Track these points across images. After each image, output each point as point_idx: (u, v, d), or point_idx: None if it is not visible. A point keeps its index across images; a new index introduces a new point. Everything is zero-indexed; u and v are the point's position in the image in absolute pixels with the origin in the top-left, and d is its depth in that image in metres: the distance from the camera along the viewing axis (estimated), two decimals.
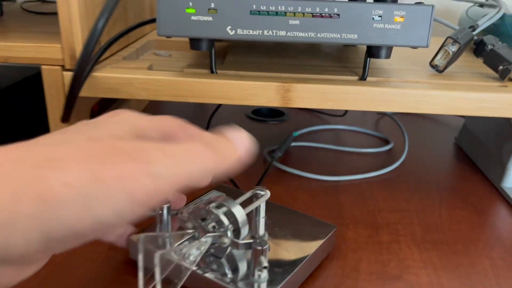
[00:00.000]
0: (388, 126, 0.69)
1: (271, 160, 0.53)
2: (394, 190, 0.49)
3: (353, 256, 0.38)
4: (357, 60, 0.52)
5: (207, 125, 0.55)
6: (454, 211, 0.46)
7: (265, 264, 0.30)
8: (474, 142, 0.58)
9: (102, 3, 0.46)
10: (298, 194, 0.48)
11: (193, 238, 0.33)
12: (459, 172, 0.55)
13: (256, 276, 0.31)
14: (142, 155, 0.22)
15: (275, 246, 0.35)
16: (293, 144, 0.60)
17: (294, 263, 0.33)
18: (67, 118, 0.38)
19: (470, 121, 0.61)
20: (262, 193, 0.35)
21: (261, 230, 0.36)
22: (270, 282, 0.31)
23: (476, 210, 0.46)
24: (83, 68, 0.36)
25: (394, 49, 0.59)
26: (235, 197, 0.34)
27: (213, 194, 0.42)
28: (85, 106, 0.48)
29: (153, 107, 0.75)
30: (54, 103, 0.43)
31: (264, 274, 0.31)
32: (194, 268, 0.31)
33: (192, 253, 0.30)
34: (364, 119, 0.72)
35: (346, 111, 0.73)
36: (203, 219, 0.33)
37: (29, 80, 0.60)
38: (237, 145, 0.27)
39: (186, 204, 0.39)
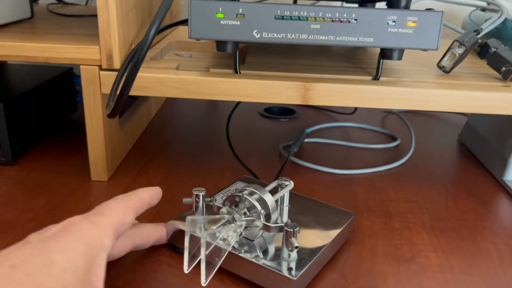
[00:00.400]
0: (394, 124, 0.73)
1: (288, 155, 0.56)
2: (403, 182, 0.53)
3: (370, 241, 0.41)
4: (368, 61, 0.55)
5: (228, 121, 0.58)
6: (459, 202, 0.49)
7: (296, 244, 0.34)
8: (477, 138, 0.62)
9: (136, 7, 0.50)
10: (314, 186, 0.51)
11: (228, 223, 0.36)
12: (463, 167, 0.58)
13: (286, 255, 0.35)
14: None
15: (301, 231, 0.39)
16: (306, 140, 0.63)
17: (319, 246, 0.37)
18: (114, 114, 0.41)
19: (473, 118, 0.64)
20: (287, 183, 0.39)
21: (285, 217, 0.39)
22: (299, 261, 0.35)
23: (479, 201, 0.50)
24: (135, 71, 0.39)
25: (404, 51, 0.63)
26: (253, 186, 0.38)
27: (239, 184, 0.45)
28: None
29: (168, 105, 0.78)
30: (91, 99, 0.46)
31: (294, 254, 0.35)
32: (230, 249, 0.35)
33: (230, 235, 0.34)
34: (370, 117, 0.76)
35: (355, 109, 0.76)
36: (236, 205, 0.37)
37: (57, 79, 0.64)
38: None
39: (216, 193, 0.43)
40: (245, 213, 0.36)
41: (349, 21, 0.42)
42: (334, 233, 0.39)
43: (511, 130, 0.53)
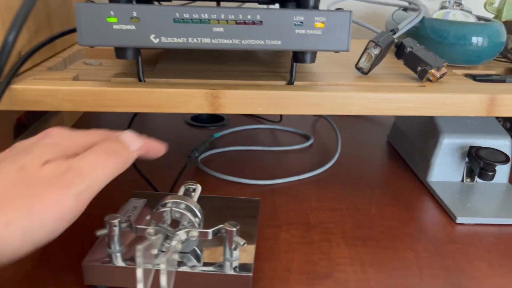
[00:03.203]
0: (325, 127, 0.71)
1: (187, 161, 0.54)
2: (327, 189, 0.51)
3: (286, 257, 0.39)
4: (287, 65, 0.53)
5: None
6: (384, 208, 0.48)
7: (243, 241, 0.33)
8: (403, 139, 0.61)
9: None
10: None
11: (164, 240, 0.33)
12: (390, 169, 0.57)
13: (229, 255, 0.33)
14: (62, 180, 0.27)
15: None
16: (225, 149, 0.60)
17: (251, 238, 0.36)
18: None
19: (399, 119, 0.64)
20: (194, 186, 0.37)
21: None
22: (242, 258, 0.34)
23: (404, 206, 0.48)
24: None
25: (324, 53, 0.61)
26: (155, 199, 0.37)
27: (134, 201, 0.42)
28: (6, 119, 0.46)
29: (89, 117, 0.73)
30: None
31: (236, 252, 0.33)
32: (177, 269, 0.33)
33: (174, 256, 0.31)
34: (300, 121, 0.74)
35: (281, 116, 0.74)
36: (163, 222, 0.34)
37: None
38: (129, 145, 0.32)
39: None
40: (169, 227, 0.34)
41: (254, 23, 0.40)
42: (255, 222, 0.39)
43: (433, 130, 0.53)
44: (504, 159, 0.47)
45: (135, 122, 0.70)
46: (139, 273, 0.28)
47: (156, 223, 0.33)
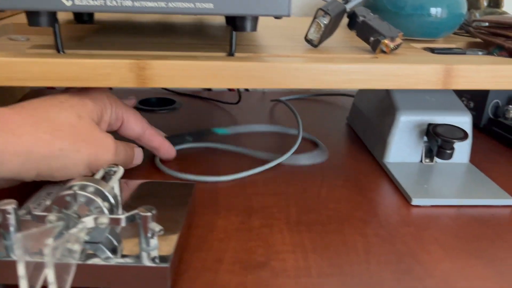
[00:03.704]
0: (284, 113, 0.67)
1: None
2: (276, 172, 0.47)
3: (219, 246, 0.35)
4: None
5: None
6: (335, 190, 0.44)
7: (159, 227, 0.28)
8: (362, 120, 0.57)
9: None
10: None
11: (65, 230, 0.28)
12: (347, 151, 0.53)
13: (145, 245, 0.29)
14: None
15: None
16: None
17: (176, 226, 0.32)
18: None
19: (358, 99, 0.60)
20: (115, 169, 0.33)
21: (120, 207, 0.33)
22: (162, 248, 0.30)
23: (357, 188, 0.44)
24: None
25: (275, 26, 0.57)
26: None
27: (48, 188, 0.37)
28: None
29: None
30: None
31: (154, 241, 0.29)
32: (78, 262, 0.28)
33: (74, 247, 0.26)
34: (260, 105, 0.70)
35: (240, 98, 0.69)
36: (67, 208, 0.29)
37: None
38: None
39: (21, 205, 0.34)
40: (77, 214, 0.29)
41: None
42: (185, 208, 0.35)
43: (390, 108, 0.49)
44: (463, 135, 0.44)
45: None
46: (21, 267, 0.23)
47: (59, 209, 0.29)
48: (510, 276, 0.33)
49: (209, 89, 0.80)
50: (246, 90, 0.81)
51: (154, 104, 0.67)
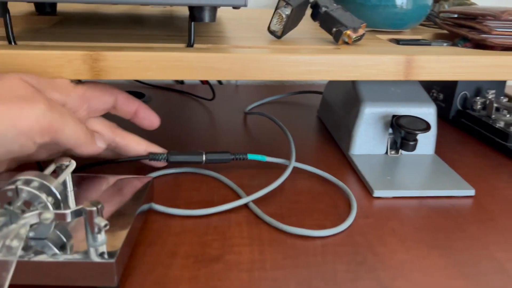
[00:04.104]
0: (256, 116, 0.66)
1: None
2: (241, 166, 0.46)
3: (174, 240, 0.34)
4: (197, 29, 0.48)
5: None
6: (297, 182, 0.43)
7: (104, 222, 0.28)
8: (330, 112, 0.57)
9: None
10: None
11: (5, 226, 0.27)
12: (314, 144, 0.53)
13: (92, 241, 0.28)
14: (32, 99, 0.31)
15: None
16: None
17: (125, 220, 0.32)
18: None
19: (326, 91, 0.60)
20: (67, 163, 0.32)
21: (72, 203, 0.33)
22: (110, 243, 0.29)
23: (321, 180, 0.44)
24: None
25: (245, 19, 0.56)
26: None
27: None
28: None
29: None
30: None
31: (102, 236, 0.28)
32: (18, 259, 0.27)
33: (13, 240, 0.25)
34: (235, 98, 0.69)
35: (214, 95, 0.69)
36: (10, 203, 0.28)
37: None
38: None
39: None
40: (22, 210, 0.28)
41: None
42: (139, 202, 0.34)
43: (355, 100, 0.49)
44: (425, 126, 0.44)
45: None
46: None
47: (1, 204, 0.28)
48: (465, 265, 0.33)
49: (182, 82, 0.79)
50: (219, 82, 0.80)
51: None
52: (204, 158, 0.42)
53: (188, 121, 0.59)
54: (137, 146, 0.41)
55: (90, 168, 0.42)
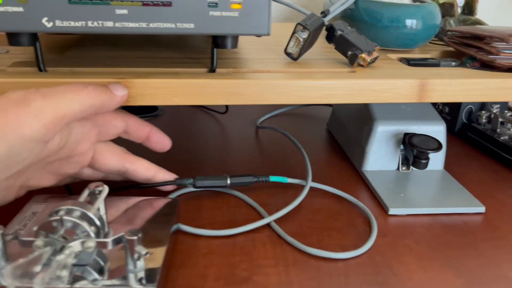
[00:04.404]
0: (270, 122, 0.68)
1: None
2: (260, 185, 0.48)
3: (203, 261, 0.36)
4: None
5: None
6: (314, 200, 0.45)
7: (145, 251, 0.29)
8: (341, 127, 0.59)
9: None
10: None
11: (52, 255, 0.29)
12: (327, 159, 0.55)
13: (132, 267, 0.30)
14: (24, 100, 0.30)
15: None
16: None
17: (161, 245, 0.33)
18: None
19: (337, 106, 0.61)
20: (100, 188, 0.33)
21: (106, 226, 0.34)
22: (148, 269, 0.31)
23: (336, 197, 0.46)
24: None
25: (253, 38, 0.58)
26: (57, 203, 0.35)
27: (34, 207, 0.37)
28: None
29: None
30: None
31: (141, 262, 0.30)
32: (66, 286, 0.29)
33: (62, 273, 0.27)
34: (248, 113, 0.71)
35: (227, 109, 0.70)
36: (54, 232, 0.30)
37: None
38: (112, 88, 0.36)
39: (6, 225, 0.35)
40: (64, 237, 0.30)
41: (162, 4, 0.36)
42: (169, 225, 0.36)
43: (367, 118, 0.50)
44: (437, 146, 0.46)
45: None
46: None
47: (46, 234, 0.29)
48: (480, 285, 0.34)
49: None
50: None
51: (137, 110, 0.67)
52: (228, 182, 0.43)
53: (201, 135, 0.60)
54: (146, 171, 0.41)
55: (113, 192, 0.43)
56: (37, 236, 0.29)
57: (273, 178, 0.45)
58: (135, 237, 0.29)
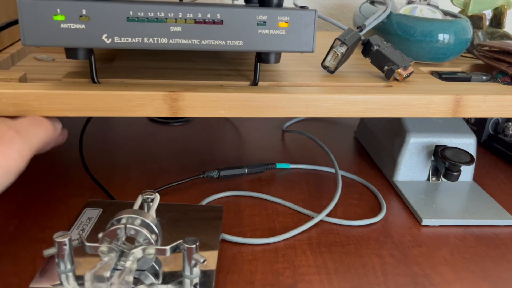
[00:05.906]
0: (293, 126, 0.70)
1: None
2: (293, 190, 0.50)
3: (249, 267, 0.37)
4: (251, 62, 0.51)
5: (80, 139, 0.52)
6: (349, 209, 0.47)
7: (203, 258, 0.31)
8: (370, 136, 0.60)
9: None
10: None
11: (118, 260, 0.31)
12: (357, 167, 0.56)
13: (188, 273, 0.32)
14: (4, 139, 0.33)
15: None
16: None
17: (212, 251, 0.36)
18: None
19: None
20: (152, 196, 0.36)
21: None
22: (202, 275, 0.33)
23: (370, 207, 0.48)
24: None
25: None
26: (111, 209, 0.39)
27: (89, 212, 0.40)
28: None
29: None
30: None
31: (197, 269, 0.32)
32: None
33: (129, 278, 0.29)
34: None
35: None
36: (117, 239, 0.32)
37: None
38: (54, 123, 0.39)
39: (68, 230, 0.37)
40: (124, 243, 0.32)
41: (214, 22, 0.37)
42: (217, 233, 0.38)
43: (399, 129, 0.52)
44: (469, 159, 0.47)
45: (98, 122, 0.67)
46: None
47: (110, 240, 0.31)
48: None
49: None
50: None
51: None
52: (246, 171, 0.52)
53: (228, 139, 0.62)
54: None
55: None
56: (102, 242, 0.31)
57: (279, 165, 0.54)
58: (193, 245, 0.31)
